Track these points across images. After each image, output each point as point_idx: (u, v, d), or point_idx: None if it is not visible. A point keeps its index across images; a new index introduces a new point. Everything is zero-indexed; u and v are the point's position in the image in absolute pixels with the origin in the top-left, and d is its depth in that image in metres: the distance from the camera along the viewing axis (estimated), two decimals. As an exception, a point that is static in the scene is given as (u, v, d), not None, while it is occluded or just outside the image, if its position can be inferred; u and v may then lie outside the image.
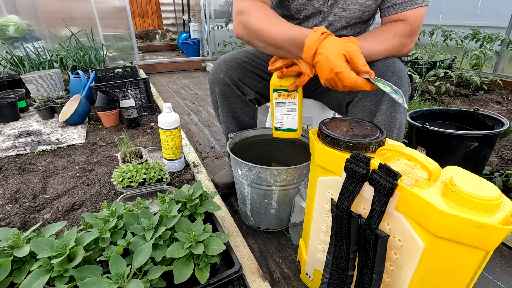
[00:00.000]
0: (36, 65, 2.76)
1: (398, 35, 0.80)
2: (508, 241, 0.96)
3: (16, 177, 1.29)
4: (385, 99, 0.80)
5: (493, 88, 2.73)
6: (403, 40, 0.81)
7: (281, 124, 0.86)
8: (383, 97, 0.80)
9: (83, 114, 1.88)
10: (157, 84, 3.29)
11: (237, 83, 1.00)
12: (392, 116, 0.81)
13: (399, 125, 0.83)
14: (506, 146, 1.58)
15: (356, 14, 0.88)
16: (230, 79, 0.99)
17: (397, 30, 0.80)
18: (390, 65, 0.80)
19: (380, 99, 0.81)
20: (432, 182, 0.48)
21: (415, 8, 0.80)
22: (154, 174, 1.14)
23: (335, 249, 0.60)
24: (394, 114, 0.80)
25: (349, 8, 0.87)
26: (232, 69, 0.99)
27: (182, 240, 0.68)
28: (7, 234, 0.71)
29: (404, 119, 0.84)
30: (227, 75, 0.98)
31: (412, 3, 0.79)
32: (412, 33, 0.81)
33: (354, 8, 0.87)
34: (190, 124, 2.08)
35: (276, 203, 0.94)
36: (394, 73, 0.79)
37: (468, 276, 0.46)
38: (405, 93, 0.80)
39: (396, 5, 0.81)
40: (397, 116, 0.81)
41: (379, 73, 0.80)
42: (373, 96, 0.82)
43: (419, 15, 0.80)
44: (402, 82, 0.79)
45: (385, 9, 0.84)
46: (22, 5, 2.98)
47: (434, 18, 3.40)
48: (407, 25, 0.80)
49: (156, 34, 6.15)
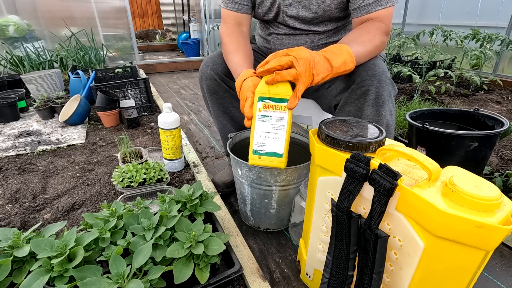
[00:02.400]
0: (36, 65, 2.76)
1: (378, 34, 0.80)
2: (508, 241, 0.96)
3: (16, 177, 1.29)
4: (368, 104, 0.79)
5: (493, 88, 2.73)
6: (382, 38, 0.81)
7: (262, 146, 0.68)
8: (365, 103, 0.80)
9: (83, 114, 1.88)
10: (157, 84, 3.29)
11: (223, 78, 1.01)
12: (378, 120, 0.80)
13: (387, 127, 0.82)
14: (506, 146, 1.58)
15: (318, 14, 0.91)
16: (216, 74, 0.99)
17: (375, 30, 0.80)
18: (370, 68, 0.79)
19: (363, 104, 0.80)
20: (432, 182, 0.48)
21: (382, 9, 0.81)
22: (154, 174, 1.14)
23: (335, 249, 0.60)
24: (379, 118, 0.80)
25: (309, 9, 0.91)
26: (218, 64, 1.00)
27: (182, 240, 0.68)
28: (7, 234, 0.71)
29: (391, 120, 0.83)
30: (213, 70, 0.99)
31: (377, 5, 0.81)
32: (388, 30, 0.82)
33: (315, 8, 0.90)
34: (190, 124, 2.08)
35: (276, 203, 0.94)
36: (375, 76, 0.78)
37: (468, 276, 0.46)
38: (388, 94, 0.80)
39: (361, 7, 0.82)
40: (382, 120, 0.80)
41: (360, 78, 0.80)
42: (357, 101, 0.81)
43: (390, 13, 0.82)
44: (384, 85, 0.78)
45: (353, 10, 0.85)
46: (22, 5, 2.98)
47: (434, 18, 3.40)
48: (381, 23, 0.81)
49: (156, 34, 6.15)
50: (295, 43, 1.00)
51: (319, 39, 0.98)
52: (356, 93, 0.81)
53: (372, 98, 0.79)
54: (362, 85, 0.79)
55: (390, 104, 0.81)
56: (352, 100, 0.83)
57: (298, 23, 0.95)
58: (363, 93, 0.80)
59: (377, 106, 0.79)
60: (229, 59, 0.92)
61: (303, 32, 0.97)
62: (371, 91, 0.78)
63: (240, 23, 1.00)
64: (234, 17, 0.99)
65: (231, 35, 0.96)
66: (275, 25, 1.01)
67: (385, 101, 0.79)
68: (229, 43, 0.94)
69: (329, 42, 0.99)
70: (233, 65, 0.89)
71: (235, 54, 0.90)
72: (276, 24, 1.01)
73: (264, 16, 0.99)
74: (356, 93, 0.81)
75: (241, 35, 0.97)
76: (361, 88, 0.80)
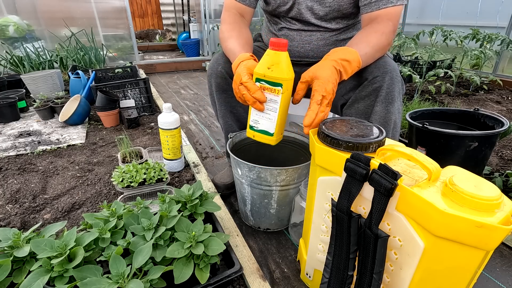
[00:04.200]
0: (36, 65, 2.76)
1: (385, 34, 0.81)
2: (508, 241, 0.96)
3: (16, 177, 1.29)
4: (378, 101, 0.81)
5: (493, 88, 2.73)
6: (389, 38, 0.82)
7: (256, 123, 0.75)
8: (376, 99, 0.81)
9: (83, 114, 1.88)
10: (157, 84, 3.29)
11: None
12: (387, 117, 0.81)
13: (394, 125, 0.84)
14: (506, 146, 1.58)
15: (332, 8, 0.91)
16: (227, 72, 0.99)
17: (383, 29, 0.81)
18: (381, 66, 0.81)
19: (374, 101, 0.82)
20: (432, 182, 0.48)
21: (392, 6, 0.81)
22: (154, 174, 1.14)
23: (335, 249, 0.60)
24: (388, 114, 0.81)
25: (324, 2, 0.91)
26: (229, 63, 0.99)
27: (182, 240, 0.68)
28: (7, 234, 0.71)
29: (398, 119, 0.85)
30: (224, 68, 0.98)
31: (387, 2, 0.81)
32: (395, 29, 0.83)
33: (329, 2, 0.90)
34: (190, 124, 2.08)
35: (276, 203, 0.94)
36: (386, 73, 0.79)
37: (468, 276, 0.46)
38: (398, 92, 0.81)
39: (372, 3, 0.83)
40: (391, 117, 0.82)
41: (372, 76, 0.81)
42: (367, 98, 0.83)
43: (398, 11, 0.83)
44: (395, 82, 0.80)
45: (363, 6, 0.86)
46: (22, 5, 2.98)
47: (434, 18, 3.40)
48: (389, 21, 0.82)
49: (156, 34, 6.15)
50: (306, 39, 0.99)
51: (330, 36, 0.98)
52: (367, 90, 0.82)
53: (383, 95, 0.80)
54: (374, 81, 0.81)
55: (399, 102, 0.83)
56: (362, 96, 0.84)
57: (312, 17, 0.95)
58: (375, 89, 0.81)
59: (386, 102, 0.80)
60: (229, 43, 0.91)
61: (315, 28, 0.97)
62: (383, 88, 0.80)
63: (242, 14, 1.01)
64: (238, 7, 1.00)
65: (233, 23, 0.96)
66: (287, 20, 1.01)
67: (395, 99, 0.81)
68: (231, 30, 0.94)
69: (339, 40, 0.99)
70: (232, 48, 0.89)
71: (237, 39, 0.90)
72: (288, 19, 1.00)
73: (278, 7, 0.98)
74: (367, 90, 0.82)
75: (243, 24, 0.98)
76: (372, 85, 0.81)
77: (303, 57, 1.02)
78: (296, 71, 1.06)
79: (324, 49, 0.99)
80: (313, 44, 0.99)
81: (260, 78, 0.69)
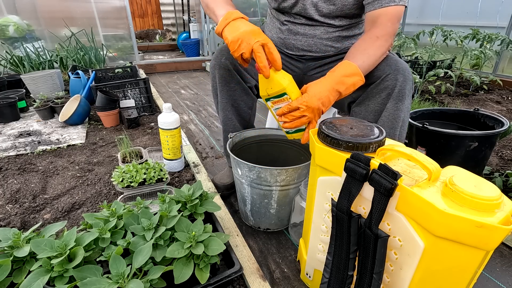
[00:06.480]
0: (36, 65, 2.76)
1: (384, 39, 0.81)
2: (508, 241, 0.96)
3: (16, 177, 1.29)
4: (391, 98, 0.82)
5: (493, 88, 2.73)
6: (389, 42, 0.82)
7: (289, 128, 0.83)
8: (388, 96, 0.82)
9: (83, 114, 1.88)
10: (157, 84, 3.29)
11: (238, 69, 1.00)
12: (395, 114, 0.83)
13: (402, 123, 0.85)
14: (506, 146, 1.58)
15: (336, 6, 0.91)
16: (231, 63, 0.98)
17: (383, 33, 0.81)
18: (393, 64, 0.82)
19: (386, 98, 0.83)
20: (432, 182, 0.48)
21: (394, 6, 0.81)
22: (154, 174, 1.14)
23: (335, 249, 0.60)
24: (397, 112, 0.83)
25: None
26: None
27: (182, 240, 0.68)
28: (7, 234, 0.71)
29: (406, 117, 0.86)
30: (228, 60, 0.98)
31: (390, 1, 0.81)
32: (394, 31, 0.83)
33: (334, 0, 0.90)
34: (190, 124, 2.08)
35: (276, 203, 0.94)
36: (398, 71, 0.81)
37: (468, 276, 0.46)
38: (409, 90, 0.83)
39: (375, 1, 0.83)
40: (400, 114, 0.83)
41: (384, 74, 0.82)
42: (378, 95, 0.84)
43: (400, 12, 0.82)
44: (407, 80, 0.81)
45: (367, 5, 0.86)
46: (22, 5, 2.98)
47: (434, 18, 3.40)
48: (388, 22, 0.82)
49: (156, 34, 6.15)
50: (309, 33, 0.99)
51: (333, 31, 0.98)
52: (379, 87, 0.83)
53: (396, 92, 0.81)
54: (386, 79, 0.81)
55: (408, 100, 0.84)
56: (373, 94, 0.84)
57: (316, 14, 0.95)
58: (386, 87, 0.82)
59: (397, 100, 0.82)
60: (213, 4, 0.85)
61: (319, 23, 0.98)
62: (396, 86, 0.81)
63: None
64: None
65: None
66: (291, 15, 1.01)
67: (406, 97, 0.82)
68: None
69: (342, 36, 1.00)
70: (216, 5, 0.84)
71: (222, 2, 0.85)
72: (292, 15, 1.00)
73: (283, 2, 0.97)
74: (379, 87, 0.83)
75: None
76: (384, 83, 0.82)
77: (307, 51, 1.02)
78: (300, 68, 1.07)
79: (327, 43, 1.00)
80: (316, 38, 0.99)
81: (267, 98, 0.78)
